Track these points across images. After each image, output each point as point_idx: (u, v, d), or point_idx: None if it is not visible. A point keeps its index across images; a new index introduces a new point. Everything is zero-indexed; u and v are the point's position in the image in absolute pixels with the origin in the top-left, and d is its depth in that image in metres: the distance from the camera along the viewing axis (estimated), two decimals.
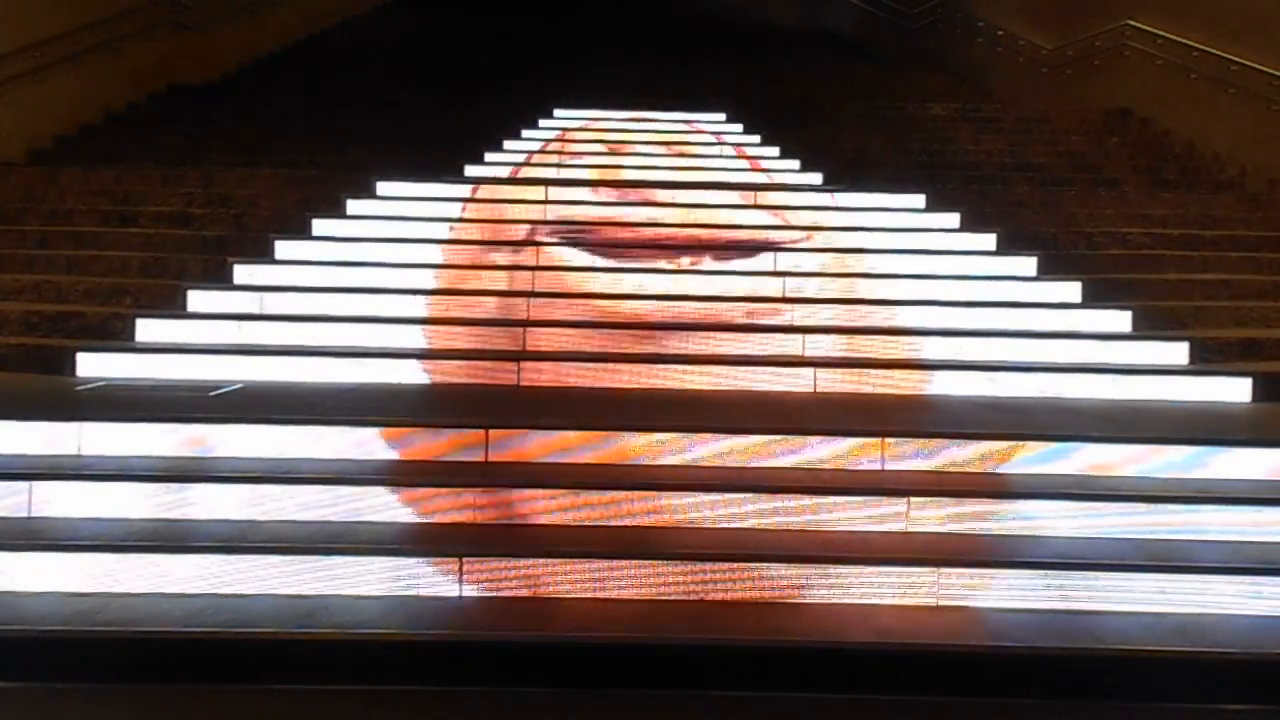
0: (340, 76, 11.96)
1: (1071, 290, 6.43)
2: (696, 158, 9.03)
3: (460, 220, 7.28)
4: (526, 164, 8.71)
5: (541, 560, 3.49)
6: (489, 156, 8.76)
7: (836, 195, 7.81)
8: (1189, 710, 3.10)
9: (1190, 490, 3.98)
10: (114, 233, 7.05)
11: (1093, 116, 10.74)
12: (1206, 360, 5.71)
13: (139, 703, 3.03)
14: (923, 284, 6.44)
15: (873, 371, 5.38)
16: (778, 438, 4.20)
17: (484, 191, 7.80)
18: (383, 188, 7.67)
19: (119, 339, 5.61)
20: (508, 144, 9.17)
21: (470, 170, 8.37)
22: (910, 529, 3.82)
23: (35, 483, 3.76)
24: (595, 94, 10.44)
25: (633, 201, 7.64)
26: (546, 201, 7.58)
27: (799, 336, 5.71)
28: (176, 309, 5.96)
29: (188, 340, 5.61)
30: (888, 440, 4.20)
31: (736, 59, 13.53)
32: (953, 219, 7.45)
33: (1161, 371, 5.45)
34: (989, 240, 7.15)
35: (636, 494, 3.83)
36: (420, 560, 3.47)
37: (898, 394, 5.28)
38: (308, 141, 9.23)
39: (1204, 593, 3.48)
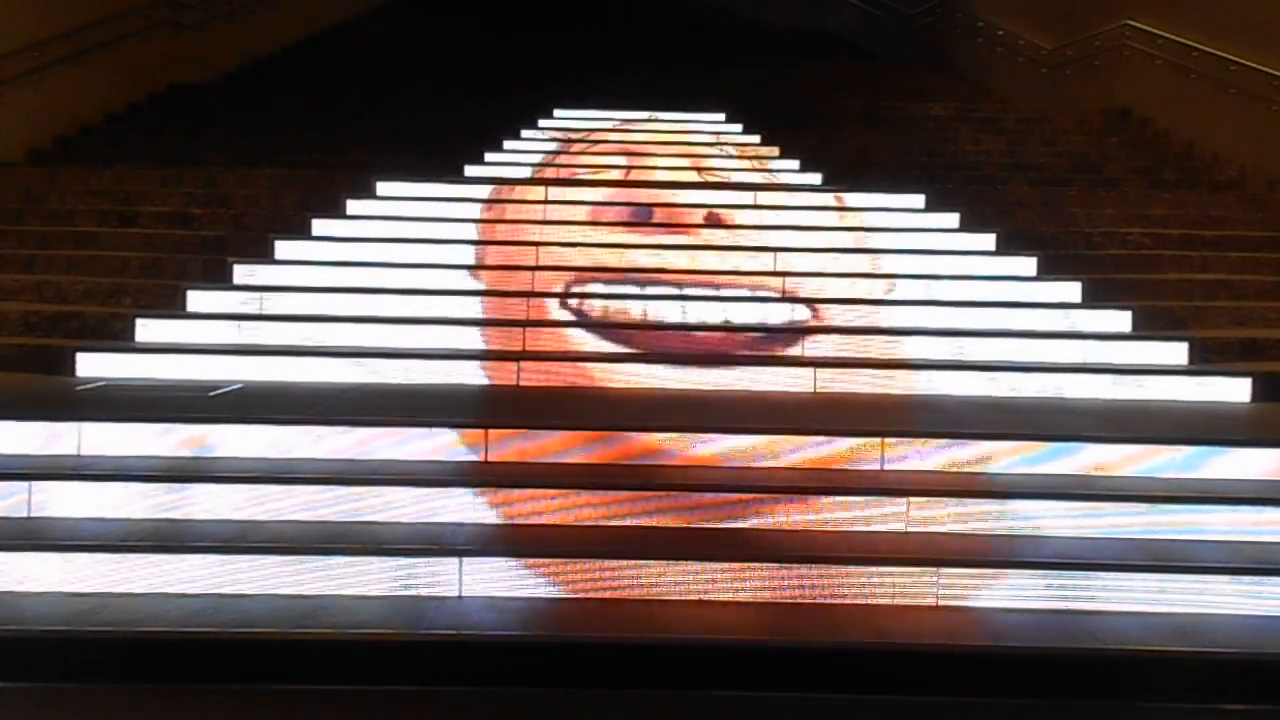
0: (340, 77, 11.97)
1: (1071, 290, 6.43)
2: (696, 158, 9.03)
3: (460, 219, 7.28)
4: (526, 164, 8.71)
5: (541, 560, 3.48)
6: (489, 156, 8.76)
7: (836, 195, 7.81)
8: (1189, 710, 3.10)
9: (1190, 490, 3.98)
10: (114, 233, 7.05)
11: (1092, 116, 10.75)
12: (1206, 360, 5.71)
13: (139, 703, 3.03)
14: (922, 284, 6.44)
15: (872, 371, 5.39)
16: (778, 438, 4.20)
17: (484, 191, 7.80)
18: (382, 188, 7.67)
19: (119, 339, 5.61)
20: (508, 144, 9.17)
21: (470, 170, 8.37)
22: (910, 529, 3.82)
23: (35, 483, 3.76)
24: (594, 95, 10.45)
25: (632, 201, 7.63)
26: (546, 201, 7.58)
27: (799, 336, 5.71)
28: (176, 309, 5.96)
29: (187, 340, 5.61)
30: (888, 440, 4.20)
31: (736, 59, 13.52)
32: (952, 219, 7.45)
33: (1161, 371, 5.45)
34: (988, 240, 7.15)
35: (636, 494, 3.83)
36: (419, 560, 3.47)
37: (897, 394, 5.28)
38: (307, 141, 9.23)
39: (1204, 593, 3.48)
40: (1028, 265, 6.79)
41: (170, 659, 3.14)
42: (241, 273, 6.37)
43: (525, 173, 8.50)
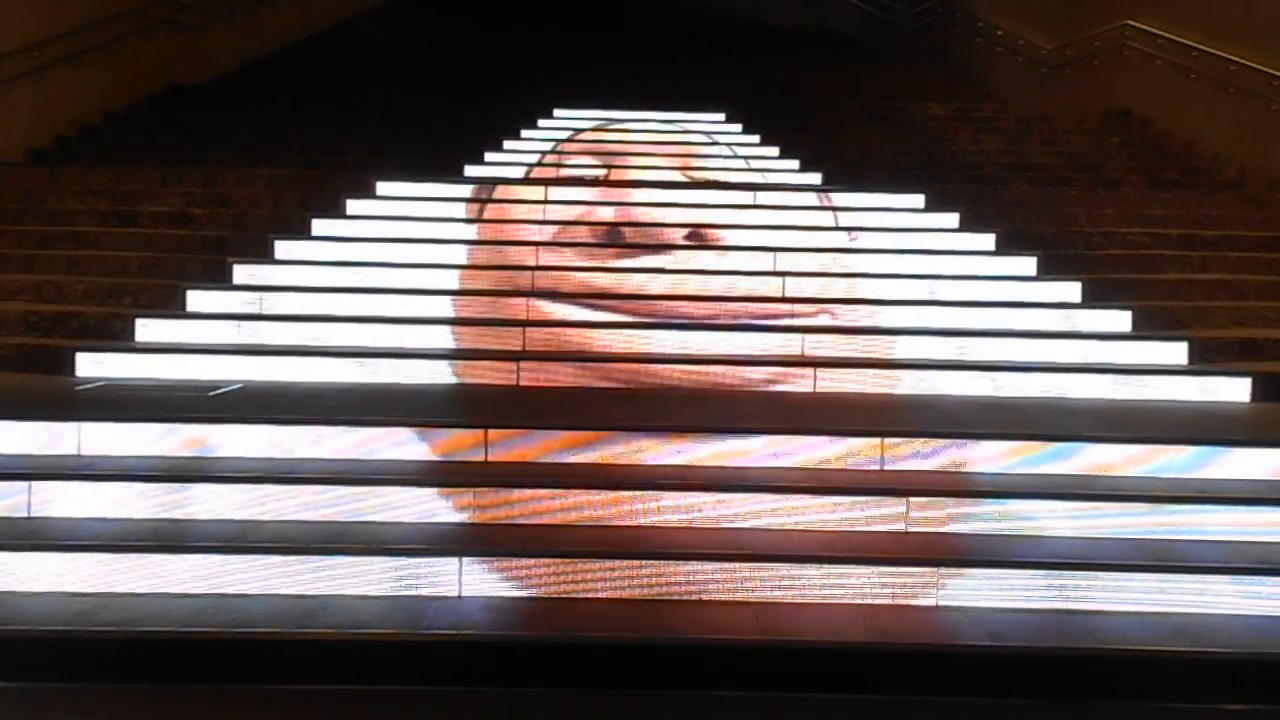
0: (340, 76, 11.97)
1: (1071, 290, 6.43)
2: (696, 158, 9.03)
3: (460, 220, 7.28)
4: (527, 164, 8.71)
5: (541, 560, 3.49)
6: (489, 156, 8.76)
7: (836, 195, 7.81)
8: (1189, 710, 3.11)
9: (1190, 490, 3.99)
10: (113, 233, 7.05)
11: (1092, 116, 10.75)
12: (1206, 360, 5.71)
13: (139, 703, 3.03)
14: (922, 284, 6.44)
15: (873, 371, 5.39)
16: (778, 438, 4.20)
17: (484, 191, 7.80)
18: (382, 187, 7.67)
19: (118, 339, 5.61)
20: (508, 144, 9.17)
21: (470, 170, 8.37)
22: (910, 529, 3.82)
23: (35, 483, 3.77)
24: (593, 94, 10.45)
25: (632, 201, 7.64)
26: (546, 201, 7.58)
27: (799, 336, 5.71)
28: (176, 309, 5.96)
29: (187, 340, 5.61)
30: (888, 440, 4.20)
31: (735, 59, 13.53)
32: (952, 219, 7.46)
33: (1161, 371, 5.44)
34: (988, 240, 7.15)
35: (637, 493, 3.83)
36: (420, 560, 3.47)
37: (898, 394, 5.28)
38: (307, 141, 9.23)
39: (1204, 593, 3.48)
40: (1028, 265, 6.79)
41: (171, 659, 3.14)
42: (241, 273, 6.37)
43: (525, 172, 8.50)
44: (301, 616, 3.26)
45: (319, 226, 7.00)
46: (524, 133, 9.53)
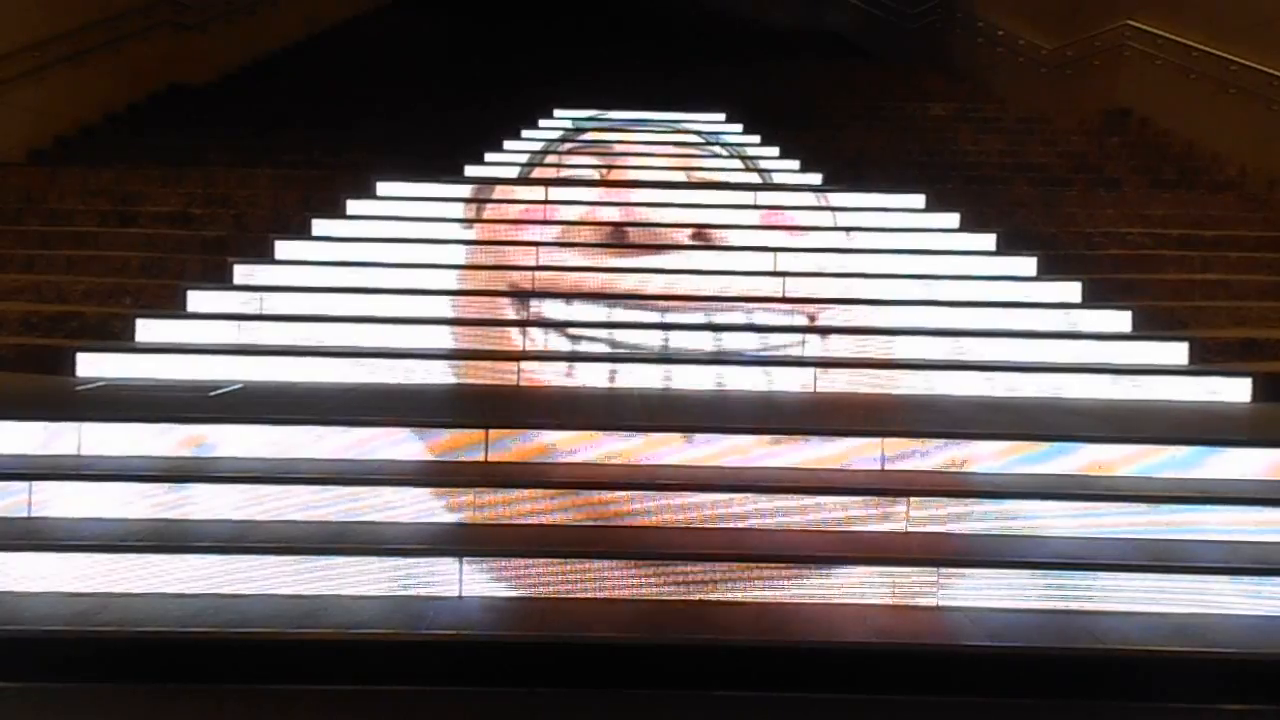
0: (340, 77, 11.98)
1: (1071, 290, 6.43)
2: (695, 158, 9.03)
3: (460, 220, 7.28)
4: (527, 164, 8.71)
5: (541, 560, 3.48)
6: (489, 156, 8.76)
7: (836, 195, 7.81)
8: (1189, 710, 3.10)
9: (1190, 490, 3.98)
10: (114, 233, 7.06)
11: (1093, 116, 10.75)
12: (1206, 360, 5.71)
13: (139, 703, 3.03)
14: (922, 284, 6.44)
15: (872, 371, 5.39)
16: (778, 438, 4.20)
17: (484, 191, 7.80)
18: (382, 188, 7.67)
19: (119, 339, 5.61)
20: (508, 144, 9.17)
21: (470, 170, 8.37)
22: (910, 529, 3.82)
23: (35, 483, 3.76)
24: (594, 94, 10.46)
25: (632, 201, 7.63)
26: (546, 202, 7.58)
27: (799, 336, 5.71)
28: (176, 309, 5.96)
29: (187, 340, 5.62)
30: (888, 440, 4.20)
31: (736, 59, 13.54)
32: (952, 219, 7.45)
33: (1161, 371, 5.45)
34: (989, 240, 7.15)
35: (636, 493, 3.83)
36: (420, 560, 3.46)
37: (897, 394, 5.28)
38: (308, 141, 9.23)
39: (1204, 593, 3.47)
40: (1028, 265, 6.79)
41: (170, 659, 3.14)
42: (241, 273, 6.37)
43: (525, 172, 8.50)
44: (301, 617, 3.25)
45: (319, 226, 7.01)
46: (524, 133, 9.54)
